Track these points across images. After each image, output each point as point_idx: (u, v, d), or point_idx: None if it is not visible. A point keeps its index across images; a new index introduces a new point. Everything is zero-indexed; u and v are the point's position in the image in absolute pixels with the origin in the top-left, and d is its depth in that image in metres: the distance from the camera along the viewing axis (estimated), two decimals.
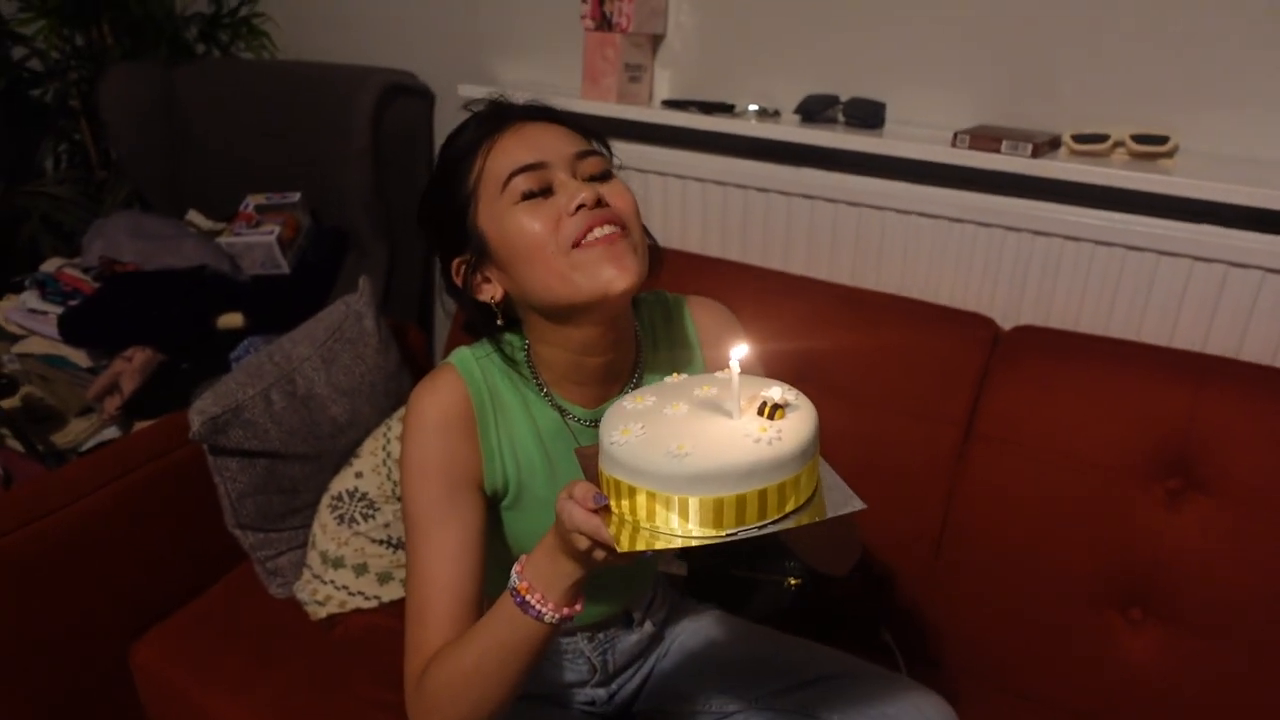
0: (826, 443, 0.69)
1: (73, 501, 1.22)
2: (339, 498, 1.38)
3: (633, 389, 0.94)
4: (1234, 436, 1.11)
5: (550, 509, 0.72)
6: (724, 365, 0.69)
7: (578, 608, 0.76)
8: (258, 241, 1.87)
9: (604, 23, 1.56)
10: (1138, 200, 1.26)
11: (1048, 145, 1.30)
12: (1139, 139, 1.28)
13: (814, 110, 1.47)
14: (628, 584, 1.05)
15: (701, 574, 1.25)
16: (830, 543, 0.92)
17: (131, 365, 1.65)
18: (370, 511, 1.36)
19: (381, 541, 1.36)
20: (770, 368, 1.07)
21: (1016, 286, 1.38)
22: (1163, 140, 1.27)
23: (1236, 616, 1.10)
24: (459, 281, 0.89)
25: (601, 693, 1.08)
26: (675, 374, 0.78)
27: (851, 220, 1.47)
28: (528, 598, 0.75)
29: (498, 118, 0.87)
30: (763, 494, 0.64)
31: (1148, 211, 1.28)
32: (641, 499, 0.65)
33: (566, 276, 0.81)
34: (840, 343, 1.32)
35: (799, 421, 0.67)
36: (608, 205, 0.83)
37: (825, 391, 1.31)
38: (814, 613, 1.24)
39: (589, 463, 0.74)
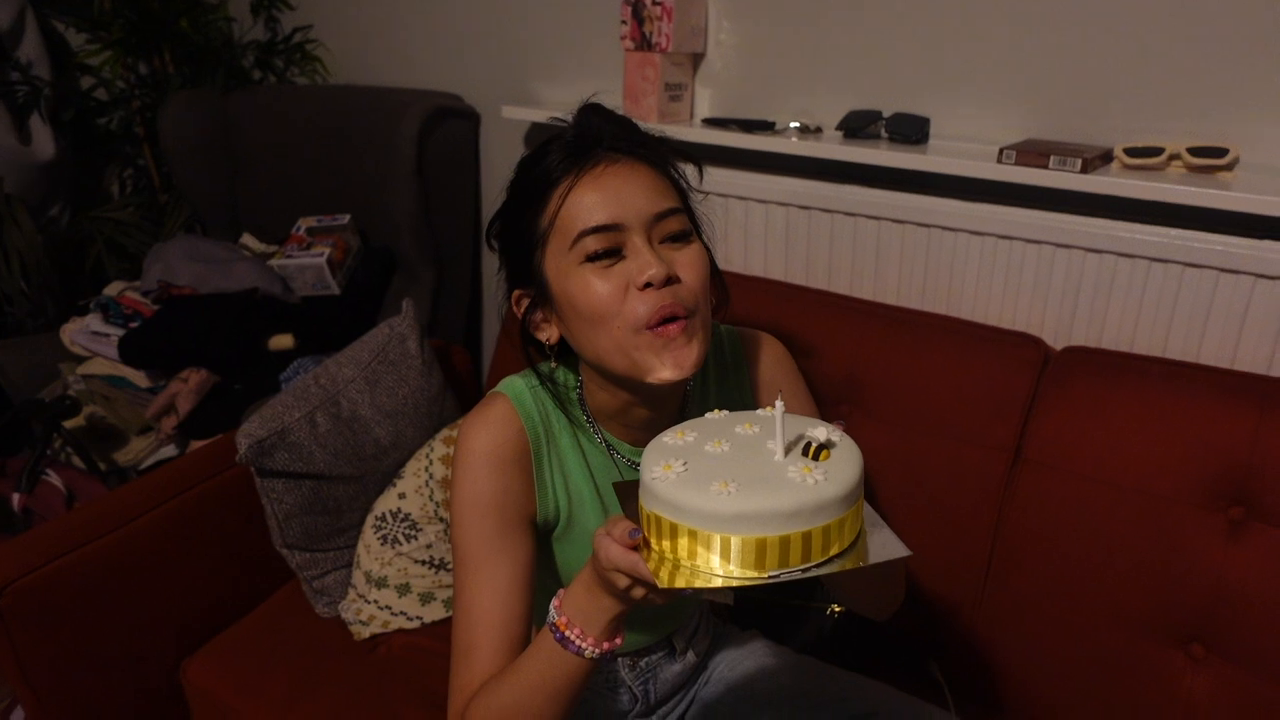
0: (871, 467, 0.67)
1: (127, 522, 1.25)
2: (382, 518, 1.39)
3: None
4: None
5: None
6: (772, 403, 0.68)
7: (618, 641, 0.76)
8: (308, 263, 1.91)
9: (644, 43, 1.57)
10: (1196, 215, 1.22)
11: (1098, 159, 1.26)
12: (1196, 151, 1.23)
13: (856, 126, 1.45)
14: (671, 613, 1.04)
15: (746, 600, 1.23)
16: (873, 589, 0.90)
17: (187, 386, 1.70)
18: (413, 532, 1.38)
19: (424, 562, 1.37)
20: (815, 392, 1.06)
21: (1068, 306, 1.33)
22: (1222, 153, 1.22)
23: None
24: (518, 314, 0.88)
25: None
26: (717, 410, 0.77)
27: (896, 238, 1.45)
28: (567, 633, 0.74)
29: (582, 152, 0.82)
30: (807, 536, 0.63)
31: (1207, 227, 1.23)
32: (683, 537, 0.64)
33: (624, 353, 0.80)
34: (885, 364, 1.30)
35: (844, 463, 0.65)
36: (678, 280, 0.80)
37: (869, 414, 1.29)
38: (859, 642, 1.21)
39: (628, 497, 0.73)
